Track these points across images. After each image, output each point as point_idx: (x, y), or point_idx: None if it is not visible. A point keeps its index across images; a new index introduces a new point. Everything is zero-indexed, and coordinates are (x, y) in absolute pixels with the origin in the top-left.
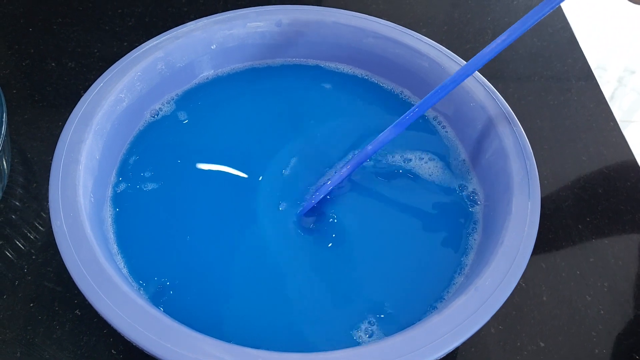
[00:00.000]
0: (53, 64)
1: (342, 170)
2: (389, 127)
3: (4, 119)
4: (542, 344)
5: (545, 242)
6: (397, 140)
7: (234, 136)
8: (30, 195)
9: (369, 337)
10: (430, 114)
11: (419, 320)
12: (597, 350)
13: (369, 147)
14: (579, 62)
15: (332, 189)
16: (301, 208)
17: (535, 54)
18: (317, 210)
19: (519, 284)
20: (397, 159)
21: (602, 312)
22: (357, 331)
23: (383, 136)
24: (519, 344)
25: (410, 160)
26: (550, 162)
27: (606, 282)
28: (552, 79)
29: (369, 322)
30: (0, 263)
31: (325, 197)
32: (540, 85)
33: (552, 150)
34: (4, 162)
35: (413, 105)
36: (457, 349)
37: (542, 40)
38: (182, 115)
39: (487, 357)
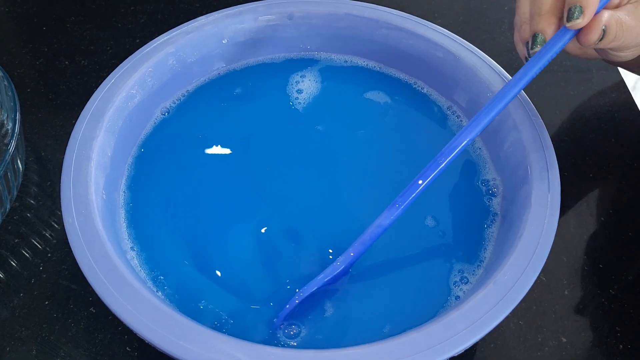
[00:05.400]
0: (66, 62)
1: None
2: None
3: (17, 118)
4: (564, 340)
5: (566, 236)
6: (413, 134)
7: (248, 130)
8: (44, 194)
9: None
10: (445, 103)
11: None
12: (621, 346)
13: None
14: None
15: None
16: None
17: None
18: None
19: (539, 278)
20: (412, 151)
21: (626, 305)
22: None
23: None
24: (540, 339)
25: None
26: (571, 154)
27: (630, 276)
28: (572, 69)
29: None
30: (16, 261)
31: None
32: (559, 76)
33: (572, 142)
34: (19, 161)
35: (427, 94)
36: (475, 345)
37: None
38: (195, 111)
39: (506, 353)
